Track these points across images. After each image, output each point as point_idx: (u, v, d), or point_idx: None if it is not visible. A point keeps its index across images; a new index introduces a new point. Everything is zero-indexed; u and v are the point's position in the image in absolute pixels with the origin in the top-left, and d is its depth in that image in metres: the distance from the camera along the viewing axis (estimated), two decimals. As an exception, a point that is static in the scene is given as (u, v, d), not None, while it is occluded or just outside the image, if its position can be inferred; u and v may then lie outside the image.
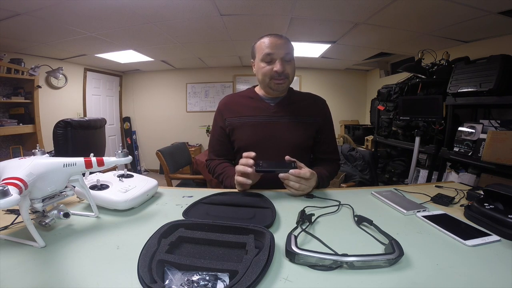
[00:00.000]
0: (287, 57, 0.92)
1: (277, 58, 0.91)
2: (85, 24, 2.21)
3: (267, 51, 0.90)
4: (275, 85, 0.94)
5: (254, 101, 1.03)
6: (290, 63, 0.94)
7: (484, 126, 1.80)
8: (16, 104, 2.87)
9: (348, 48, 3.03)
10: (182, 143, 2.65)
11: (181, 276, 0.40)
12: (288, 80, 0.96)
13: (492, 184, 0.63)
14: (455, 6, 1.75)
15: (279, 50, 0.91)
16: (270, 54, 0.90)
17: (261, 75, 0.95)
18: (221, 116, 1.05)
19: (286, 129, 0.99)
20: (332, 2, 1.83)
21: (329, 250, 0.48)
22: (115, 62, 3.77)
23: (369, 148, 3.20)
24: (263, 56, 0.92)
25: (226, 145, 1.06)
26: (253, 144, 0.99)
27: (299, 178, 0.76)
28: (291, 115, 1.00)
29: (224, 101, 1.09)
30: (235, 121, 1.02)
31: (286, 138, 0.98)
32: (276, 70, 0.90)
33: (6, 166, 0.50)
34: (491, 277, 0.40)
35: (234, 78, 4.50)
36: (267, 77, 0.93)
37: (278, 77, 0.92)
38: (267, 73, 0.93)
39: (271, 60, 0.91)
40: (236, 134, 1.02)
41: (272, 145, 0.98)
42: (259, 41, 0.95)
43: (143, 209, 0.70)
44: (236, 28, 2.42)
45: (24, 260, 0.44)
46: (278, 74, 0.91)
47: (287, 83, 0.96)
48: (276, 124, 0.99)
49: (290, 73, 0.95)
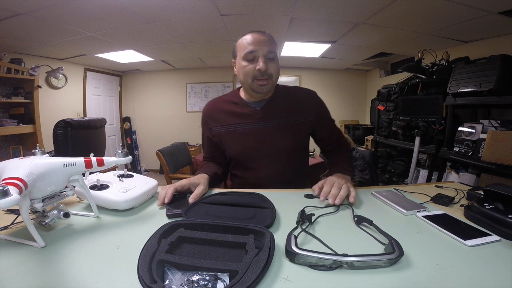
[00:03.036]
0: (271, 55, 0.86)
1: (260, 55, 0.84)
2: (85, 24, 2.20)
3: (249, 48, 0.84)
4: (258, 86, 0.88)
5: (239, 107, 0.97)
6: (274, 61, 0.88)
7: (484, 126, 1.80)
8: (16, 104, 2.87)
9: (348, 48, 3.03)
10: (182, 143, 2.65)
11: (181, 276, 0.40)
12: (272, 81, 0.89)
13: (492, 184, 0.63)
14: (455, 6, 1.75)
15: (262, 47, 0.84)
16: (252, 51, 0.84)
17: (242, 75, 0.89)
18: (207, 125, 1.01)
19: (276, 134, 0.93)
20: (332, 2, 1.83)
21: (329, 250, 0.48)
22: (115, 62, 3.77)
23: (369, 148, 3.20)
24: (245, 54, 0.85)
25: (215, 152, 1.04)
26: (244, 154, 0.96)
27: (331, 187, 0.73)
28: (280, 117, 0.94)
29: (207, 108, 1.02)
30: (221, 131, 0.97)
31: (277, 144, 0.94)
32: (259, 68, 0.84)
33: (6, 166, 0.50)
34: (491, 277, 0.40)
35: (234, 78, 4.50)
36: (249, 77, 0.87)
37: (261, 77, 0.86)
38: (249, 72, 0.86)
39: (253, 58, 0.85)
40: (225, 144, 0.98)
41: (264, 153, 0.94)
42: (241, 38, 0.88)
43: (143, 209, 0.69)
44: (236, 28, 2.42)
45: (24, 260, 0.44)
46: (261, 73, 0.85)
47: (270, 84, 0.89)
48: (264, 130, 0.93)
49: (274, 72, 0.88)
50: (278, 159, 0.96)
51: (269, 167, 0.96)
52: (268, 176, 0.96)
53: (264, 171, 0.96)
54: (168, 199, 0.70)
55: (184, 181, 0.78)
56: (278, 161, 0.96)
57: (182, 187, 0.76)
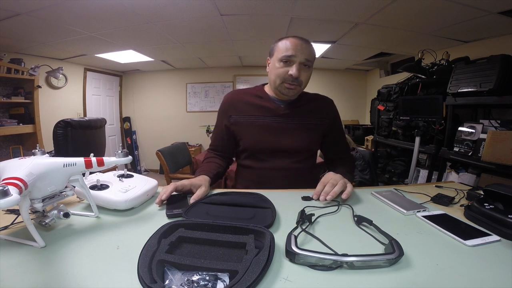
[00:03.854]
0: (307, 63, 0.88)
1: (296, 61, 0.86)
2: (85, 24, 2.21)
3: (289, 52, 0.86)
4: (285, 89, 0.90)
5: (263, 101, 0.99)
6: (308, 70, 0.90)
7: (484, 126, 1.80)
8: (16, 104, 2.87)
9: (348, 48, 3.03)
10: (182, 143, 2.65)
11: (181, 276, 0.40)
12: (300, 87, 0.92)
13: (492, 184, 0.63)
14: (455, 6, 1.75)
15: (300, 54, 0.86)
16: (291, 56, 0.86)
17: (273, 75, 0.91)
18: (226, 113, 1.01)
19: (295, 132, 0.97)
20: (332, 2, 1.83)
21: (329, 250, 0.48)
22: (115, 62, 3.77)
23: (369, 148, 3.20)
24: (282, 56, 0.87)
25: (226, 142, 1.04)
26: (258, 146, 0.97)
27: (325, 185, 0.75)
28: (300, 118, 0.98)
29: (230, 97, 1.03)
30: (242, 120, 0.99)
31: (295, 142, 0.96)
32: (292, 73, 0.85)
33: (6, 166, 0.50)
34: (491, 277, 0.40)
35: (234, 78, 4.50)
36: (279, 78, 0.89)
37: (291, 82, 0.87)
38: (281, 75, 0.88)
39: (289, 61, 0.87)
40: (242, 134, 0.99)
41: (280, 149, 0.96)
42: (283, 40, 0.90)
43: (143, 209, 0.69)
44: (236, 28, 2.42)
45: (24, 260, 0.44)
46: (292, 78, 0.86)
47: (298, 90, 0.92)
48: (284, 127, 0.97)
49: (304, 80, 0.90)
50: (292, 156, 0.98)
51: (281, 162, 0.98)
52: (278, 171, 0.98)
53: (276, 166, 0.98)
54: (166, 196, 0.70)
55: (186, 181, 0.78)
56: (287, 158, 0.98)
57: (183, 186, 0.76)
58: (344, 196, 0.71)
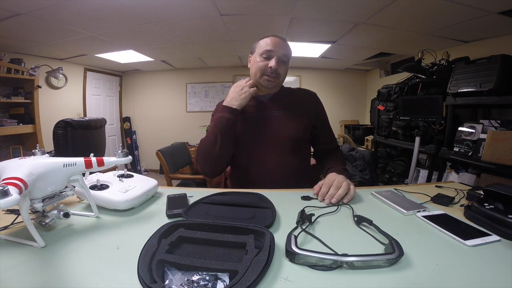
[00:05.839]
0: (284, 58, 0.96)
1: (275, 55, 0.94)
2: (85, 24, 2.20)
3: (268, 48, 0.95)
4: (265, 81, 0.97)
5: None
6: (285, 64, 0.99)
7: (484, 126, 1.80)
8: (16, 104, 2.87)
9: (348, 48, 3.03)
10: (182, 143, 2.65)
11: (181, 276, 0.40)
12: (278, 80, 0.99)
13: (492, 184, 0.63)
14: (455, 6, 1.75)
15: (279, 49, 0.95)
16: (270, 51, 0.94)
17: (255, 69, 0.98)
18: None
19: (278, 122, 1.01)
20: (332, 2, 1.83)
21: (329, 250, 0.48)
22: (115, 62, 3.77)
23: (369, 148, 3.20)
24: (263, 51, 0.95)
25: None
26: (245, 139, 1.00)
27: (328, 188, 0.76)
28: (283, 108, 1.03)
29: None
30: None
31: (279, 131, 0.99)
32: (271, 66, 0.94)
33: (6, 166, 0.50)
34: (491, 277, 0.40)
35: (234, 78, 4.50)
36: (260, 71, 0.97)
37: (270, 74, 0.96)
38: (261, 68, 0.96)
39: (269, 56, 0.95)
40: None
41: (266, 139, 0.99)
42: (263, 39, 0.99)
43: (143, 209, 0.70)
44: (236, 28, 2.42)
45: (24, 260, 0.44)
46: (271, 71, 0.95)
47: (276, 82, 0.99)
48: (268, 118, 1.01)
49: (282, 73, 0.99)
50: (279, 146, 1.00)
51: (272, 157, 0.99)
52: (270, 166, 0.99)
53: (267, 160, 0.99)
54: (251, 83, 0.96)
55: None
56: (279, 148, 1.00)
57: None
58: (345, 201, 0.73)
